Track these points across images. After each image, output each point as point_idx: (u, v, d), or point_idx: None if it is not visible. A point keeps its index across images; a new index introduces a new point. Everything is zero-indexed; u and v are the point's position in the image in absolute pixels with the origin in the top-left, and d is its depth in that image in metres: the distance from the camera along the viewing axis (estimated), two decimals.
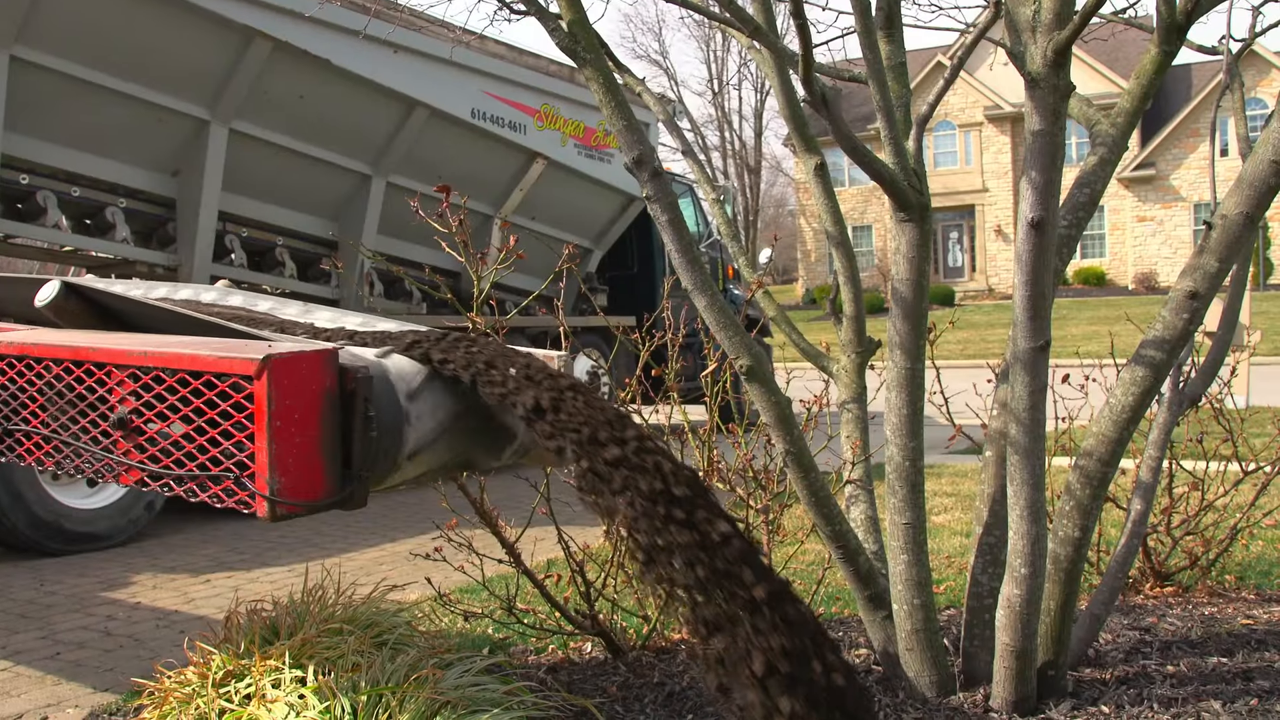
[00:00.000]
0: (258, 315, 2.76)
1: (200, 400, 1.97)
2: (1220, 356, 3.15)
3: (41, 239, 6.79)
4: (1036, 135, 2.30)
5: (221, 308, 2.83)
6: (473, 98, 8.31)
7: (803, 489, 2.85)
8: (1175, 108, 34.40)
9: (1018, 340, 2.43)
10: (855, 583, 2.99)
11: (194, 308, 2.70)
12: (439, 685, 2.43)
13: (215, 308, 2.83)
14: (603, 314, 4.08)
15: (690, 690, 2.95)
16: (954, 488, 7.02)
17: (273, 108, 7.08)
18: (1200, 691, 2.70)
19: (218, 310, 2.77)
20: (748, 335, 2.73)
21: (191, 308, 2.70)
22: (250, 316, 2.77)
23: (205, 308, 2.77)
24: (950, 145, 37.46)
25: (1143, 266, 35.20)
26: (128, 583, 5.27)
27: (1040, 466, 2.48)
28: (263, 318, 2.72)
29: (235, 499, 1.92)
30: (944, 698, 2.77)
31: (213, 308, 2.81)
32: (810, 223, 41.02)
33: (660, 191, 2.53)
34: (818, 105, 2.43)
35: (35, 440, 2.35)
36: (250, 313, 2.78)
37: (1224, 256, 2.41)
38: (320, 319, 2.70)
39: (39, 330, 2.52)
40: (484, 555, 3.37)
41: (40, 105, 6.16)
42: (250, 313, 2.78)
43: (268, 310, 2.81)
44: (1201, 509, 3.91)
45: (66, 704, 3.49)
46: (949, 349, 11.92)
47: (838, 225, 3.13)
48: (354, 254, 7.89)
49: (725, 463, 3.73)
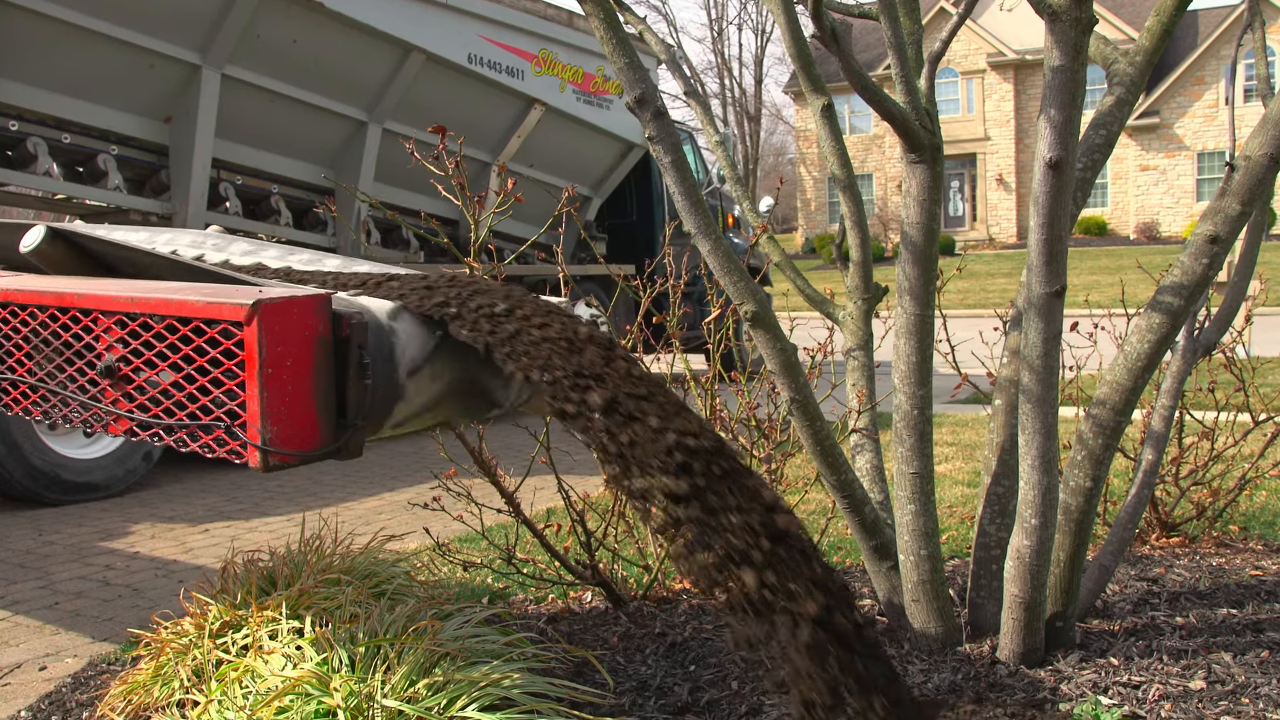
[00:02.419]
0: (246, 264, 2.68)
1: (189, 347, 1.90)
2: (1236, 305, 3.08)
3: (33, 187, 6.69)
4: (1056, 71, 2.21)
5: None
6: (469, 42, 8.17)
7: (808, 437, 2.79)
8: (1180, 55, 34.01)
9: (1032, 285, 2.36)
10: (860, 533, 2.95)
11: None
12: (438, 636, 2.39)
13: None
14: (603, 261, 4.00)
15: (692, 641, 2.92)
16: (955, 437, 6.99)
17: (266, 52, 6.95)
18: (1210, 643, 2.66)
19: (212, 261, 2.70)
20: (752, 280, 2.66)
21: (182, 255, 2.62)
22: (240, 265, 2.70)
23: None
24: (952, 93, 37.08)
25: (1145, 216, 35.01)
26: (126, 532, 5.24)
27: (1053, 415, 2.42)
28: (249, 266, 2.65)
29: (226, 449, 1.86)
30: (950, 649, 2.74)
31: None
32: (810, 171, 40.72)
33: (663, 132, 2.44)
34: (827, 41, 2.34)
35: (22, 389, 2.29)
36: None
37: (1247, 199, 2.33)
38: (296, 261, 2.63)
39: (23, 276, 2.44)
40: (483, 505, 3.33)
41: (28, 49, 6.03)
42: None
43: (275, 256, 2.73)
44: (1211, 459, 3.86)
45: (65, 653, 3.47)
46: (950, 298, 11.79)
47: (845, 169, 3.04)
48: (350, 203, 7.80)
49: (728, 411, 3.68)
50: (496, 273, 3.15)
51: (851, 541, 3.96)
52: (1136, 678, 2.47)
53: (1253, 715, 2.27)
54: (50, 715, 2.85)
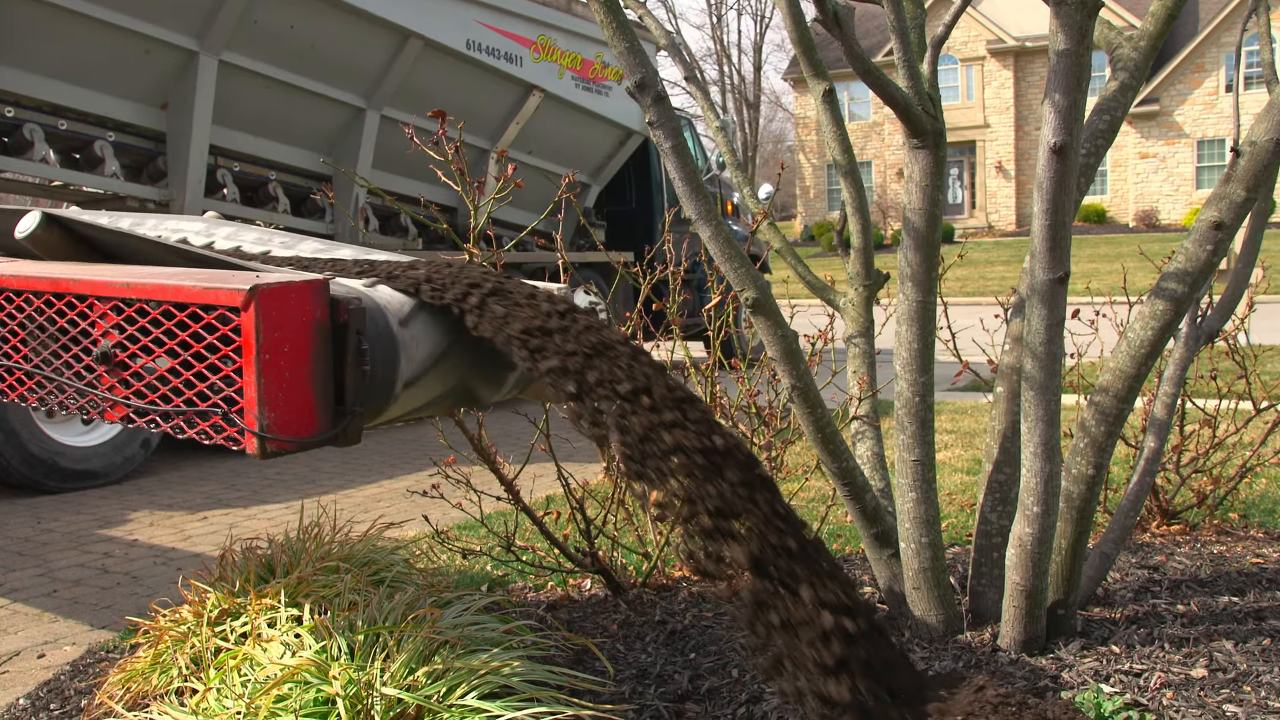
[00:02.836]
0: (247, 252, 2.67)
1: (186, 333, 1.88)
2: (1239, 292, 3.06)
3: (29, 173, 6.65)
4: (1061, 55, 2.19)
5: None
6: (467, 28, 8.13)
7: (809, 424, 2.78)
8: (1180, 43, 33.92)
9: (1036, 272, 2.34)
10: (861, 520, 2.94)
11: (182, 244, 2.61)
12: (437, 624, 2.38)
13: None
14: (602, 249, 3.98)
15: (692, 628, 2.91)
16: (954, 424, 6.99)
17: (263, 38, 6.91)
18: (1211, 631, 2.66)
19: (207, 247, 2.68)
20: (753, 267, 2.65)
21: (178, 241, 2.61)
22: (239, 251, 2.68)
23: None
24: (952, 80, 36.98)
25: (1144, 204, 34.96)
26: (125, 520, 5.23)
27: (1056, 402, 2.40)
28: (253, 255, 2.63)
29: (224, 435, 1.85)
30: (951, 637, 2.73)
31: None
32: (809, 158, 40.63)
33: (664, 117, 2.42)
34: (830, 25, 2.32)
35: (17, 376, 2.27)
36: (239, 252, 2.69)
37: (1252, 185, 2.31)
38: (307, 250, 2.61)
39: (18, 262, 2.43)
40: (482, 492, 3.32)
41: (24, 35, 6.00)
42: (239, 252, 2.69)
43: (255, 240, 2.71)
44: (1212, 446, 3.85)
45: (64, 641, 3.47)
46: (949, 286, 11.77)
47: (846, 155, 3.02)
48: (348, 190, 7.77)
49: (728, 399, 3.66)
50: (496, 260, 3.13)
51: (851, 529, 3.95)
52: (1138, 666, 2.46)
53: (1255, 704, 2.26)
54: (49, 703, 2.84)
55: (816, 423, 2.77)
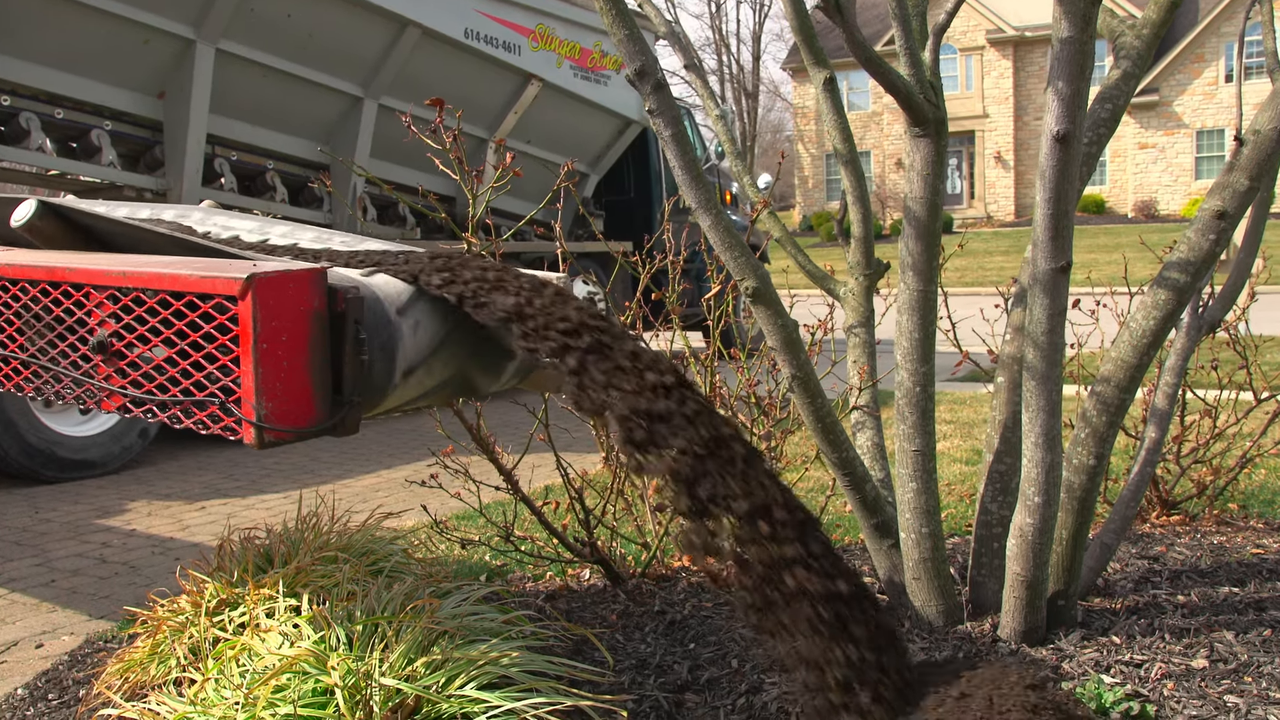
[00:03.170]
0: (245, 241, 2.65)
1: (183, 322, 1.87)
2: (1241, 282, 3.05)
3: (25, 162, 6.63)
4: (1065, 43, 2.17)
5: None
6: (466, 17, 8.09)
7: (809, 414, 2.77)
8: (1180, 33, 33.86)
9: (1037, 261, 2.33)
10: (861, 510, 2.93)
11: (178, 229, 2.60)
12: (436, 614, 2.37)
13: None
14: (601, 238, 3.97)
15: (692, 619, 2.91)
16: (953, 415, 6.98)
17: (260, 27, 6.88)
18: (1212, 622, 2.65)
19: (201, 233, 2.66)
20: (753, 256, 2.63)
21: (176, 229, 2.59)
22: (236, 239, 2.67)
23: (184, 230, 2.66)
24: (951, 69, 36.93)
25: (1143, 194, 34.94)
26: (123, 510, 5.23)
27: (1057, 393, 2.39)
28: (251, 243, 2.61)
29: (221, 425, 1.84)
30: (951, 627, 2.73)
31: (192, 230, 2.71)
32: (808, 148, 40.57)
33: (663, 105, 2.41)
34: (830, 12, 2.30)
35: (14, 365, 2.26)
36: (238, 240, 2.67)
37: (1255, 174, 2.30)
38: (305, 239, 2.60)
39: (14, 250, 2.41)
40: (481, 482, 3.31)
41: (21, 23, 5.97)
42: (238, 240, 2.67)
43: (255, 228, 2.70)
44: (1212, 437, 3.85)
45: (62, 631, 3.46)
46: (948, 276, 11.76)
47: (847, 143, 3.01)
48: (346, 179, 7.75)
49: (727, 388, 3.65)
50: (494, 249, 3.12)
51: (851, 519, 3.95)
52: (1139, 656, 2.45)
53: (1255, 694, 2.25)
54: (47, 693, 2.84)
55: (816, 412, 2.76)
